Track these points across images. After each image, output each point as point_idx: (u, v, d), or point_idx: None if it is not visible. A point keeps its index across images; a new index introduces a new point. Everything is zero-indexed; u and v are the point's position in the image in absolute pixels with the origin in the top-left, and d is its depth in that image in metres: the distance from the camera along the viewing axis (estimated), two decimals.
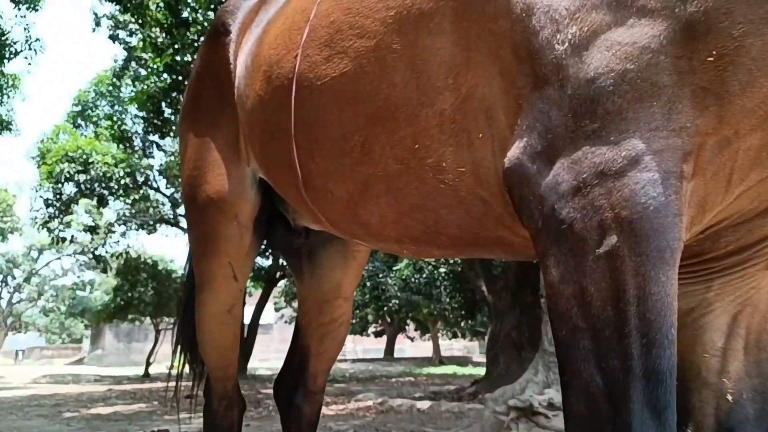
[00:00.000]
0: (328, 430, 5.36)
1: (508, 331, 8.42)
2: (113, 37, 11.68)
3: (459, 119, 1.08)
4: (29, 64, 13.53)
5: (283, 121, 1.47)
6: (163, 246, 43.55)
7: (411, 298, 18.36)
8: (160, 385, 11.50)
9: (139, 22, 9.22)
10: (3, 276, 37.46)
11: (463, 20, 1.05)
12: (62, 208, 13.38)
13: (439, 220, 1.23)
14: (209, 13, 8.55)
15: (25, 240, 35.70)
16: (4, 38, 12.20)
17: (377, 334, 26.45)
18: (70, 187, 13.16)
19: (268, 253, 13.12)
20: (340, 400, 8.21)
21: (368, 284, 18.34)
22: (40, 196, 13.40)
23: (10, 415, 6.95)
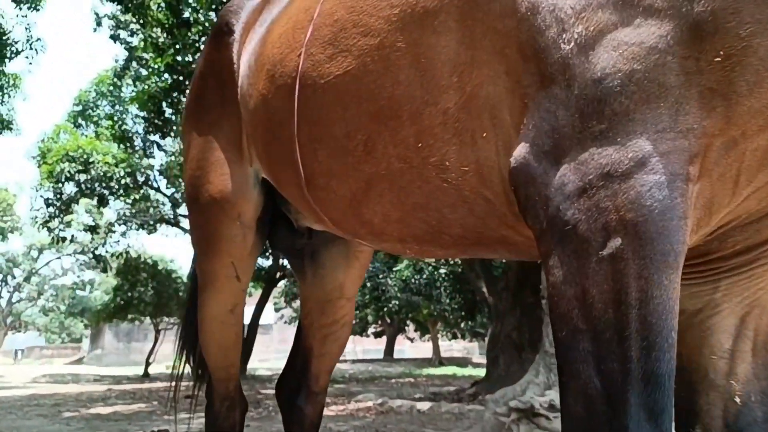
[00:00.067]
0: (328, 430, 5.35)
1: (508, 332, 8.41)
2: (114, 37, 11.69)
3: (463, 118, 1.07)
4: (30, 64, 13.49)
5: (285, 120, 1.47)
6: (163, 246, 43.68)
7: (411, 299, 18.35)
8: (160, 385, 11.51)
9: (140, 22, 9.23)
10: (3, 275, 37.43)
11: (468, 18, 1.05)
12: (62, 208, 13.38)
13: (443, 220, 1.22)
14: (210, 13, 8.56)
15: (26, 239, 35.72)
16: (5, 38, 12.20)
17: (377, 335, 26.44)
18: (70, 187, 13.16)
19: (268, 254, 13.11)
20: (340, 401, 8.20)
21: (368, 285, 18.31)
22: (41, 196, 13.40)
23: (9, 415, 6.94)
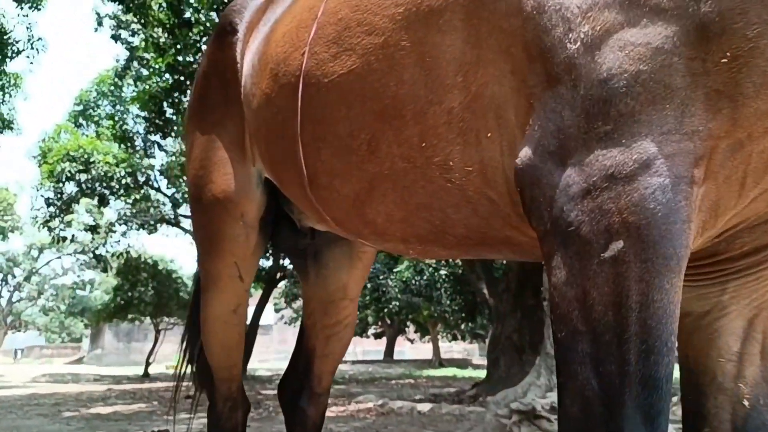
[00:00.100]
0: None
1: (509, 334, 8.40)
2: (115, 37, 11.67)
3: (468, 118, 1.06)
4: (31, 63, 13.49)
5: (289, 120, 1.46)
6: (163, 246, 43.78)
7: (411, 300, 18.33)
8: (160, 385, 11.51)
9: (142, 22, 9.22)
10: (3, 275, 37.42)
11: (473, 17, 1.04)
12: (63, 208, 13.36)
13: (446, 220, 1.21)
14: (212, 13, 8.56)
15: (26, 239, 35.71)
16: (7, 37, 12.20)
17: (377, 336, 26.41)
18: (71, 187, 13.14)
19: (268, 254, 13.08)
20: (341, 402, 8.19)
21: (368, 286, 18.28)
22: (41, 195, 13.39)
23: (9, 414, 6.94)
